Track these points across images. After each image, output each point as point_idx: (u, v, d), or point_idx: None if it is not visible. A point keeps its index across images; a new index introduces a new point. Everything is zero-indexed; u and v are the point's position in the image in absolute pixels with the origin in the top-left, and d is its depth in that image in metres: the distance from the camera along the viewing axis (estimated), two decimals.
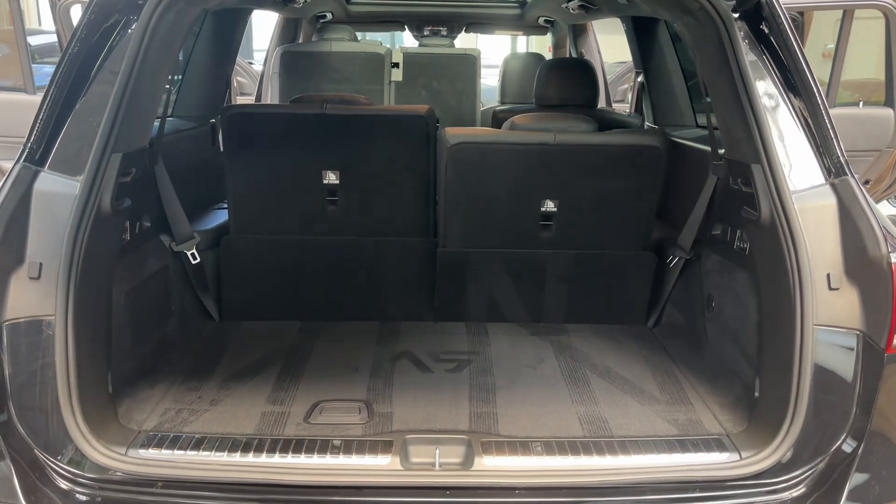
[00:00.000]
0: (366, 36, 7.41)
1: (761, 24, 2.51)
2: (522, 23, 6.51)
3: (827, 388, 2.22)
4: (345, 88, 5.46)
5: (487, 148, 3.28)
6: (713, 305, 3.00)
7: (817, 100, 2.37)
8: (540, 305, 3.52)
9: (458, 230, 3.42)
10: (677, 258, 3.27)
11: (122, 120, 2.39)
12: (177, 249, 3.22)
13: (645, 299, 3.51)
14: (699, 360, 3.02)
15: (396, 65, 5.82)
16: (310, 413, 2.59)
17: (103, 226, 2.40)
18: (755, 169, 2.48)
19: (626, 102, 6.05)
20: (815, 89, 2.37)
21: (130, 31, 2.43)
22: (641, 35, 4.74)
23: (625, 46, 5.06)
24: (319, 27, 6.09)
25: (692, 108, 4.41)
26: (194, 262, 3.30)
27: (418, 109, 3.38)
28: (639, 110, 5.06)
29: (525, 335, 3.40)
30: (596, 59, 6.16)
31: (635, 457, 2.30)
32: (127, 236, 2.77)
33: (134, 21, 2.43)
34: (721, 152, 2.91)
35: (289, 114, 3.47)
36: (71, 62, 2.35)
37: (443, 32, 6.44)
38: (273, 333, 3.32)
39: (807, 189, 2.34)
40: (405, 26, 6.61)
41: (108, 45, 2.43)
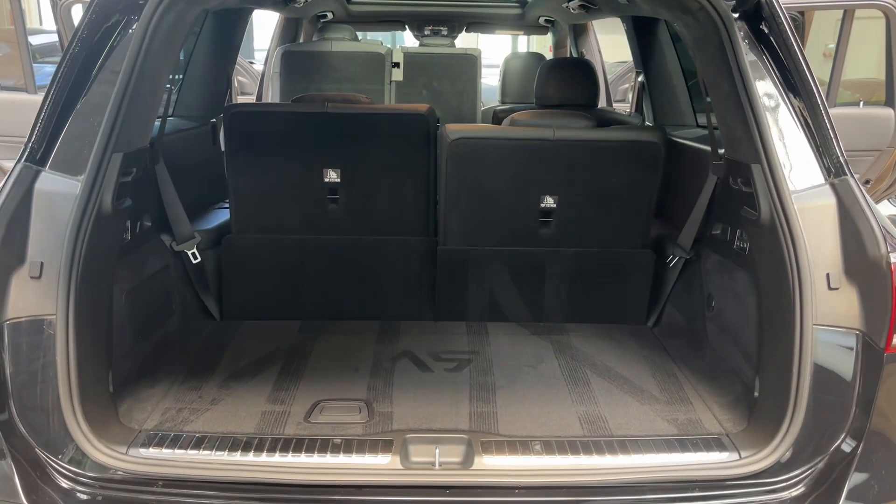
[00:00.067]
0: (366, 36, 7.40)
1: (761, 24, 2.51)
2: (523, 22, 6.51)
3: (826, 388, 2.22)
4: (346, 88, 5.47)
5: (487, 143, 3.28)
6: (713, 305, 3.00)
7: (817, 100, 2.37)
8: (540, 304, 3.52)
9: (459, 227, 3.42)
10: (677, 258, 3.28)
11: (123, 120, 2.40)
12: (177, 249, 3.23)
13: (645, 299, 3.51)
14: (699, 360, 3.02)
15: (397, 64, 5.82)
16: (310, 412, 2.59)
17: (104, 225, 2.41)
18: (755, 169, 2.48)
19: (627, 102, 6.05)
20: (815, 89, 2.37)
21: (131, 31, 2.43)
22: (642, 35, 4.74)
23: (625, 46, 5.06)
24: (320, 27, 6.08)
25: (692, 108, 4.41)
26: (195, 262, 3.31)
27: (419, 108, 3.38)
28: (639, 110, 5.07)
29: (525, 334, 3.40)
30: (596, 59, 6.16)
31: (635, 456, 2.30)
32: (128, 236, 2.77)
33: (135, 21, 2.44)
34: (721, 152, 2.92)
35: (290, 112, 3.47)
36: (72, 62, 2.35)
37: (443, 32, 6.43)
38: (273, 333, 3.32)
39: (806, 189, 2.34)
40: (406, 26, 6.61)
41: (109, 45, 2.43)
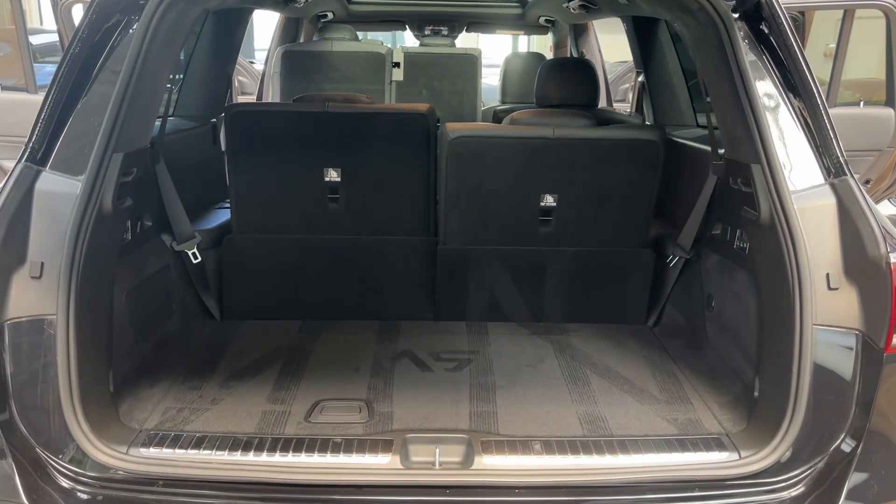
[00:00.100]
0: (367, 35, 7.40)
1: (761, 25, 2.51)
2: (523, 22, 6.50)
3: (826, 388, 2.22)
4: (346, 88, 5.47)
5: (487, 142, 3.29)
6: (713, 305, 3.01)
7: (817, 100, 2.37)
8: (540, 304, 3.52)
9: (459, 226, 3.43)
10: (677, 258, 3.28)
11: (124, 120, 2.40)
12: (178, 249, 3.23)
13: (645, 298, 3.51)
14: (699, 360, 3.02)
15: (397, 64, 5.82)
16: (310, 412, 2.59)
17: (105, 225, 2.41)
18: (755, 169, 2.48)
19: (627, 102, 6.05)
20: (815, 89, 2.37)
21: (132, 31, 2.43)
22: (642, 35, 4.74)
23: (625, 46, 5.06)
24: (320, 27, 6.08)
25: (692, 108, 4.41)
26: (195, 262, 3.31)
27: (419, 108, 3.39)
28: (639, 110, 5.07)
29: (525, 334, 3.40)
30: (597, 59, 6.16)
31: (635, 456, 2.30)
32: (128, 236, 2.78)
33: (135, 21, 2.44)
34: (721, 152, 2.92)
35: (291, 112, 3.48)
36: (72, 62, 2.35)
37: (444, 32, 6.43)
38: (274, 332, 3.33)
39: (806, 189, 2.34)
40: (406, 26, 6.61)
41: (110, 45, 2.43)
